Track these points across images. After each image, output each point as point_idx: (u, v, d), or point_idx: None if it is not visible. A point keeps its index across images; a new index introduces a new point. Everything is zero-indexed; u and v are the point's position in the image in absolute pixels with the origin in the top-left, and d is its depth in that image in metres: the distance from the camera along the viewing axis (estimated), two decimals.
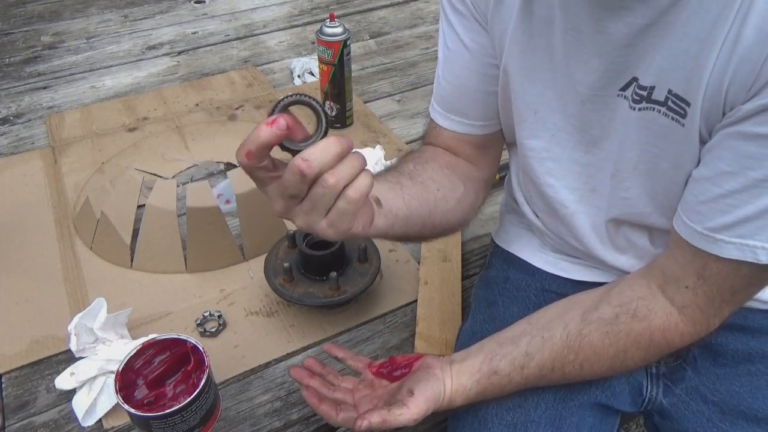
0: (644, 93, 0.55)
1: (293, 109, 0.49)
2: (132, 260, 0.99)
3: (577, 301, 0.66)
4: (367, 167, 0.50)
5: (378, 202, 0.60)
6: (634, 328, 0.60)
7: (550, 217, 0.73)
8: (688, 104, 0.52)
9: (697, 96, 0.51)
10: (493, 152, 0.78)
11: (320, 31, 1.20)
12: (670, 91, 0.53)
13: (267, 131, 0.46)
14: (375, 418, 0.59)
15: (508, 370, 0.64)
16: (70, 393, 0.80)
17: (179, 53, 1.64)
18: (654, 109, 0.55)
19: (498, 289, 0.81)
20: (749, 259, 0.52)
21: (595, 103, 0.60)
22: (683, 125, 0.53)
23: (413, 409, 0.60)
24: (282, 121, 0.46)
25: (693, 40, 0.50)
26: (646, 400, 0.71)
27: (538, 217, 0.75)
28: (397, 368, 0.69)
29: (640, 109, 0.56)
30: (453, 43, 0.70)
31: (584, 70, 0.59)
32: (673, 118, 0.54)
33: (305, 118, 0.51)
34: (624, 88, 0.57)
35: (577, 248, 0.72)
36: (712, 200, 0.53)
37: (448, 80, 0.72)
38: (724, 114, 0.51)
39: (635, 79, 0.56)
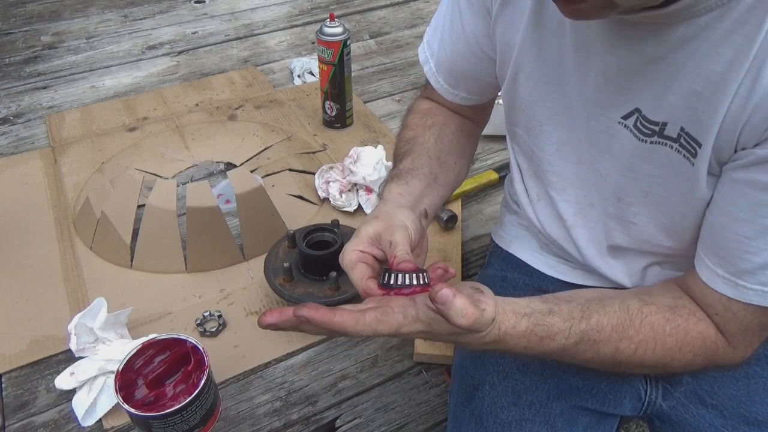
0: (655, 128, 0.55)
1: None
2: (132, 260, 0.99)
3: (619, 291, 0.62)
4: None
5: (426, 214, 0.67)
6: (692, 328, 0.57)
7: (551, 222, 0.73)
8: (700, 145, 0.52)
9: (709, 137, 0.51)
10: (489, 107, 0.83)
11: (320, 31, 1.20)
12: (682, 129, 0.53)
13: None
14: (468, 315, 0.47)
15: (565, 314, 0.56)
16: (70, 393, 0.80)
17: (179, 53, 1.64)
18: (666, 144, 0.55)
19: (496, 288, 0.80)
20: None
21: (599, 122, 0.60)
22: (693, 164, 0.54)
23: (492, 306, 0.52)
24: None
25: (706, 83, 0.50)
26: (646, 403, 0.71)
27: (539, 220, 0.75)
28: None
29: (651, 143, 0.56)
30: (456, 25, 0.71)
31: (592, 88, 0.59)
32: (684, 155, 0.54)
33: None
34: (626, 117, 0.57)
35: (575, 257, 0.72)
36: (730, 245, 0.53)
37: (447, 55, 0.74)
38: (735, 151, 0.51)
39: (638, 110, 0.56)
